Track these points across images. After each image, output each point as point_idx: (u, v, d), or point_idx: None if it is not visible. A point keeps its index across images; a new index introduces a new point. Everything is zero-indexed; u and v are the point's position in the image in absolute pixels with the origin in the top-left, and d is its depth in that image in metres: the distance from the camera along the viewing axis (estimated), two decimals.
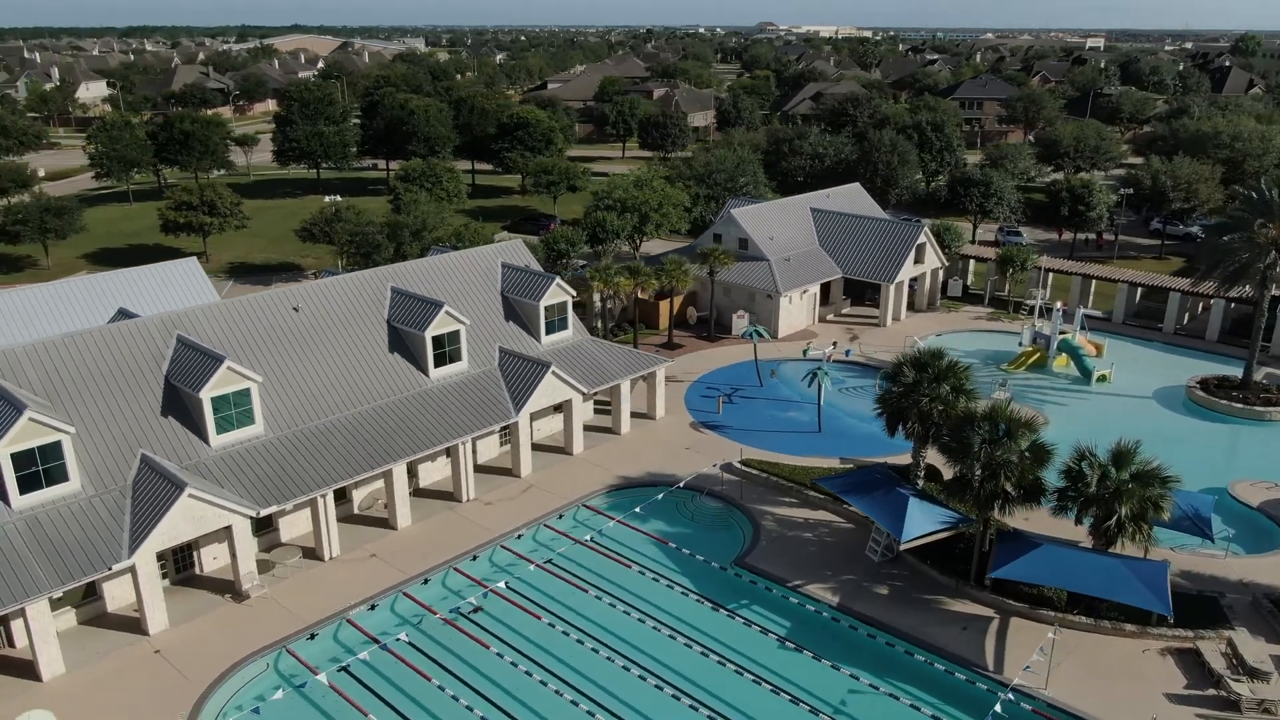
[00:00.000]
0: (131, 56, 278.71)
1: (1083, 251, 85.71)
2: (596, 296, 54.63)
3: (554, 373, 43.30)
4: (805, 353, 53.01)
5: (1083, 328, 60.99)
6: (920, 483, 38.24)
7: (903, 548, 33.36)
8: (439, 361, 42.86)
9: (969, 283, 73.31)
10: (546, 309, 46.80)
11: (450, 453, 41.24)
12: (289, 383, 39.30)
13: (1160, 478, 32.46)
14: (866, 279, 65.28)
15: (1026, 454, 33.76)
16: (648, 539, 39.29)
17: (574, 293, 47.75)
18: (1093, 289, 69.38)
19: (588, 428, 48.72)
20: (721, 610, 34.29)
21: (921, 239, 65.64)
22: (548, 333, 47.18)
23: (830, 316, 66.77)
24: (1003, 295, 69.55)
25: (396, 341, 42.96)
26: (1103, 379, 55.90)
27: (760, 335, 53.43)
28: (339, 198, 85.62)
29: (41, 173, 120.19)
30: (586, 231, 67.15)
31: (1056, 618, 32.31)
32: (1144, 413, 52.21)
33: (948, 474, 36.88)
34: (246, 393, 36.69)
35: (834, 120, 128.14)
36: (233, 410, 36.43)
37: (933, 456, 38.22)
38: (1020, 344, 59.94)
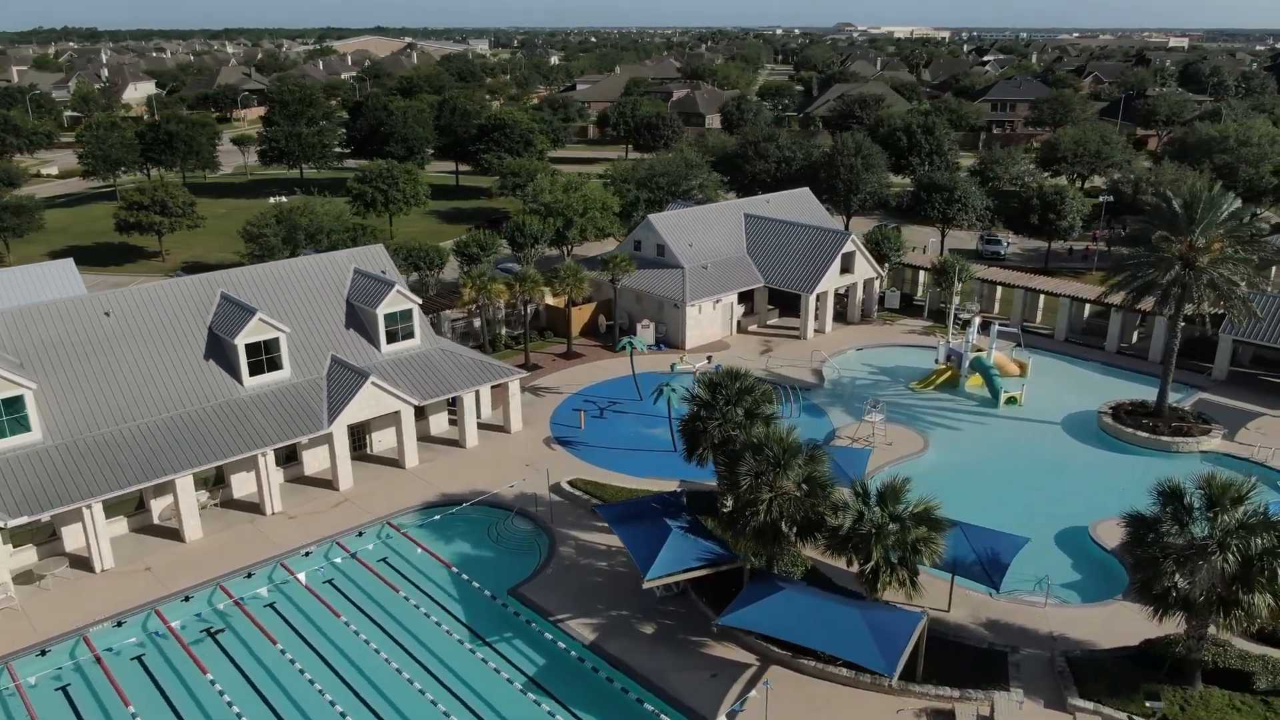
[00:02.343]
0: (192, 58, 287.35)
1: (1066, 262, 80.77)
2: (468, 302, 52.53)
3: (374, 383, 41.73)
4: (673, 368, 50.45)
5: (1018, 344, 57.08)
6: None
7: (645, 585, 30.79)
8: (255, 370, 41.64)
9: (918, 294, 69.52)
10: (386, 317, 45.26)
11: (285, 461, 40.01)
12: (82, 389, 38.49)
13: (930, 519, 29.29)
14: (787, 289, 62.20)
15: (802, 486, 30.96)
16: (435, 561, 37.42)
17: (418, 300, 46.07)
18: (1040, 304, 65.05)
19: (440, 440, 47.18)
20: (467, 645, 32.16)
21: (849, 248, 62.29)
22: (389, 341, 45.62)
23: (753, 328, 63.85)
24: (945, 307, 65.53)
25: (215, 349, 41.93)
26: (1012, 401, 51.95)
27: (634, 347, 50.97)
28: (284, 198, 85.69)
29: (54, 170, 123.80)
30: (506, 236, 65.54)
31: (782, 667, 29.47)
32: (1042, 440, 48.28)
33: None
34: (20, 399, 35.97)
35: (842, 122, 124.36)
36: (4, 417, 35.74)
37: None
38: (936, 361, 56.21)
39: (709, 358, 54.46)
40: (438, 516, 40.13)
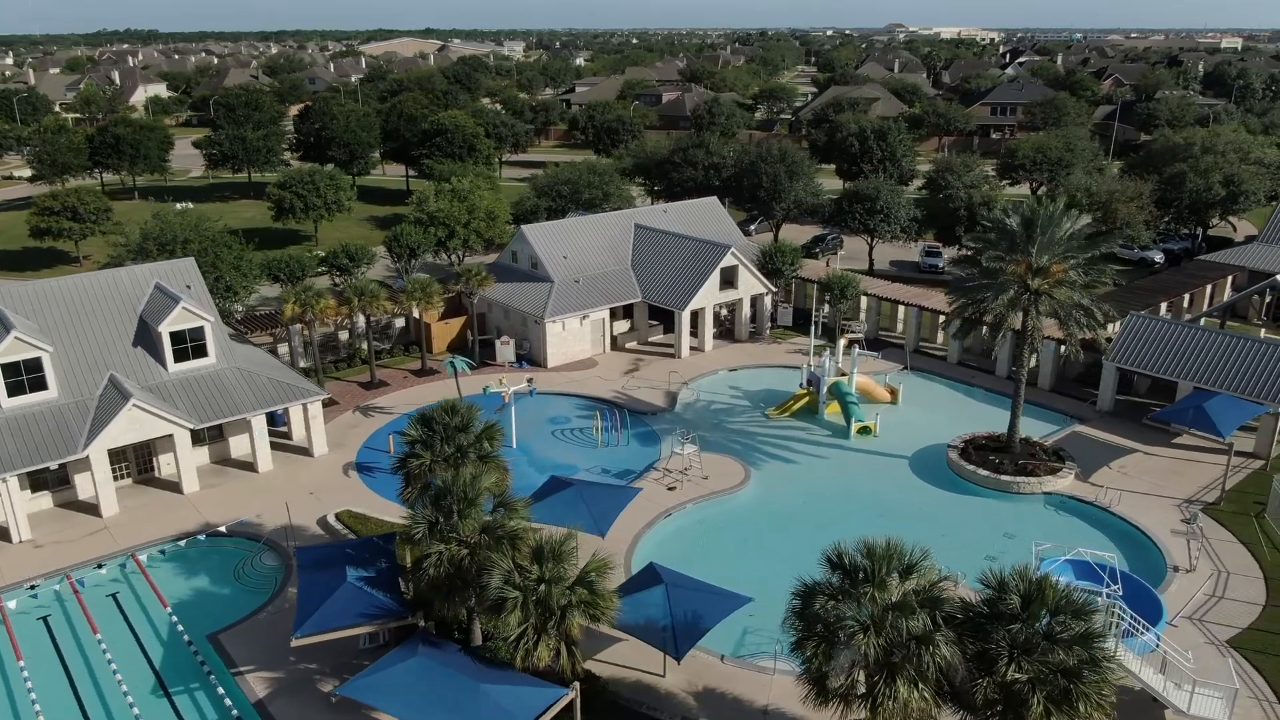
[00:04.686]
0: (215, 60, 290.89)
1: None
2: (290, 319, 50.07)
3: (136, 405, 39.64)
4: (486, 390, 47.61)
5: (904, 366, 53.42)
6: None
7: (293, 644, 28.10)
8: (15, 390, 39.78)
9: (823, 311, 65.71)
10: (172, 335, 43.14)
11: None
12: None
13: (588, 583, 26.14)
14: (661, 304, 59.03)
15: (483, 537, 28.02)
16: (156, 599, 35.12)
17: (211, 318, 43.90)
18: (939, 322, 60.92)
19: (239, 463, 45.03)
20: (129, 699, 29.73)
21: (729, 262, 58.91)
22: (177, 360, 43.49)
23: (631, 345, 60.76)
24: (836, 325, 61.69)
25: None
26: (865, 431, 48.23)
27: (456, 368, 48.21)
28: (190, 204, 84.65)
29: (27, 173, 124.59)
30: (385, 245, 63.30)
31: None
32: (883, 477, 44.51)
33: None
34: None
35: (816, 125, 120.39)
36: None
37: None
38: (800, 385, 52.55)
39: (529, 380, 51.56)
40: (187, 547, 37.95)
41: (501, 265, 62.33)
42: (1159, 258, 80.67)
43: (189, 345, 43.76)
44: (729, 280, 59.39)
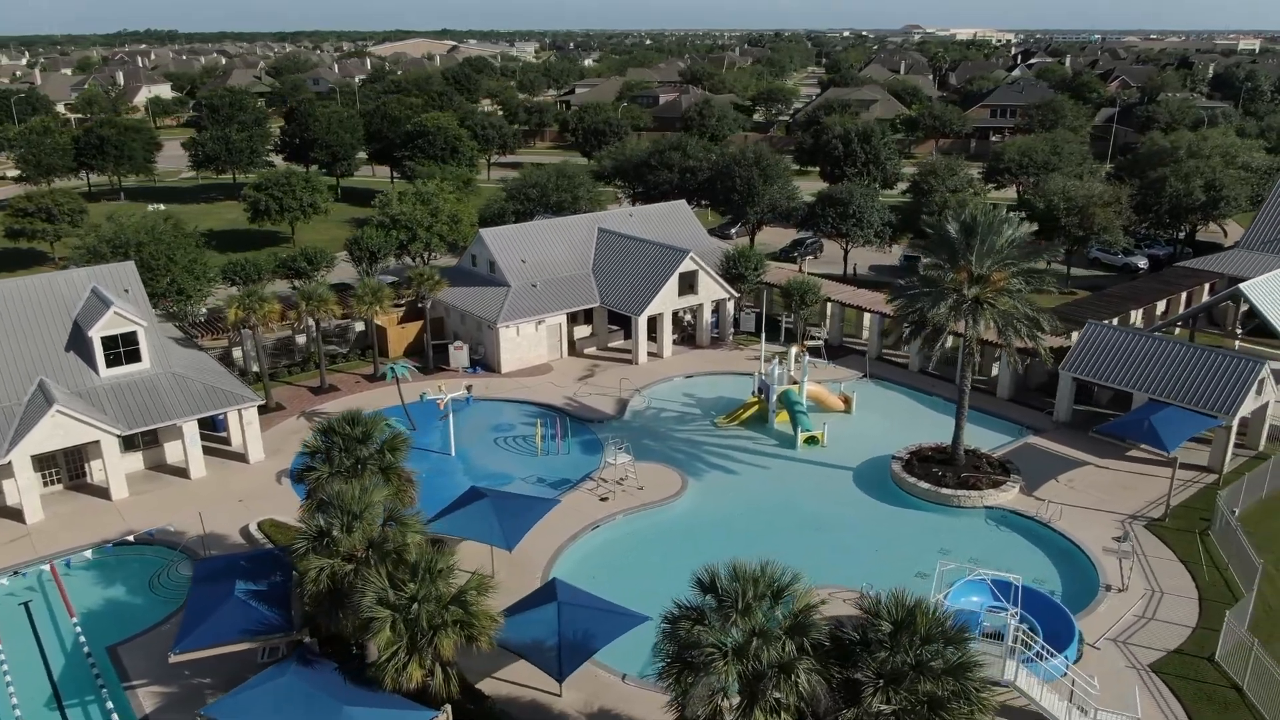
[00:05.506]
0: (222, 60, 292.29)
1: None
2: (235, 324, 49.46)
3: (60, 411, 39.26)
4: (423, 397, 46.97)
5: (867, 376, 52.48)
6: None
7: (171, 661, 27.54)
8: None
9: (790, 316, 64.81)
10: (104, 340, 42.76)
11: None
12: None
13: (463, 601, 25.40)
14: (618, 309, 58.29)
15: (370, 552, 27.35)
16: (65, 610, 34.68)
17: (144, 323, 43.48)
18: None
19: (171, 469, 44.62)
20: (18, 712, 29.29)
21: (688, 267, 58.08)
22: (109, 365, 43.10)
23: (590, 350, 60.05)
24: (798, 330, 60.79)
25: None
26: (812, 441, 47.32)
27: (396, 373, 47.57)
28: (162, 206, 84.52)
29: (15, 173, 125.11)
30: (345, 249, 62.87)
31: None
32: (824, 489, 43.52)
33: None
34: None
35: (807, 128, 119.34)
36: None
37: None
38: (752, 393, 51.66)
39: (468, 387, 50.89)
40: (108, 556, 37.57)
41: (462, 269, 61.81)
42: (1143, 263, 79.23)
43: (121, 350, 43.34)
44: (689, 285, 58.57)
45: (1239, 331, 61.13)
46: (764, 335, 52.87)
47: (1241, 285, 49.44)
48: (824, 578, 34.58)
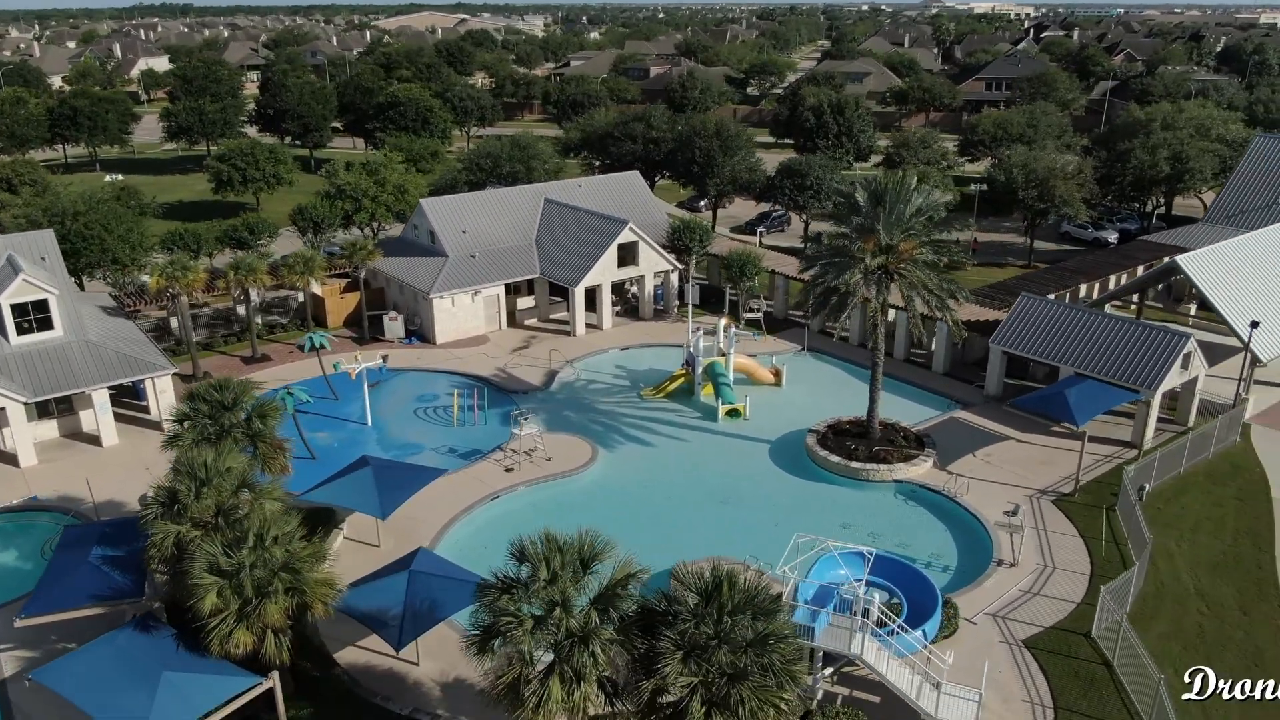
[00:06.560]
0: (225, 33, 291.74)
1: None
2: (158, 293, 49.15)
3: None
4: (336, 366, 46.59)
5: (805, 349, 51.74)
6: None
7: (18, 625, 27.42)
8: None
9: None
10: (13, 307, 42.64)
11: None
12: None
13: (293, 569, 25.09)
14: (556, 280, 57.71)
15: (219, 519, 27.11)
16: None
17: (56, 291, 43.30)
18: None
19: (86, 437, 44.56)
20: None
21: (628, 238, 57.38)
22: (20, 333, 43.00)
23: (531, 322, 59.55)
24: (739, 302, 60.00)
25: None
26: (735, 414, 46.69)
27: (314, 343, 47.18)
28: (120, 177, 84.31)
29: None
30: (290, 219, 62.51)
31: None
32: (739, 461, 42.93)
33: None
34: None
35: (791, 100, 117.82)
36: None
37: None
38: (683, 365, 51.04)
39: (384, 356, 50.47)
40: (4, 522, 37.56)
41: (404, 239, 61.37)
42: (1113, 238, 77.80)
43: (32, 318, 43.22)
44: (628, 257, 57.88)
45: (1192, 307, 60.03)
46: (691, 308, 52.14)
47: (1178, 258, 48.25)
48: (718, 550, 34.26)
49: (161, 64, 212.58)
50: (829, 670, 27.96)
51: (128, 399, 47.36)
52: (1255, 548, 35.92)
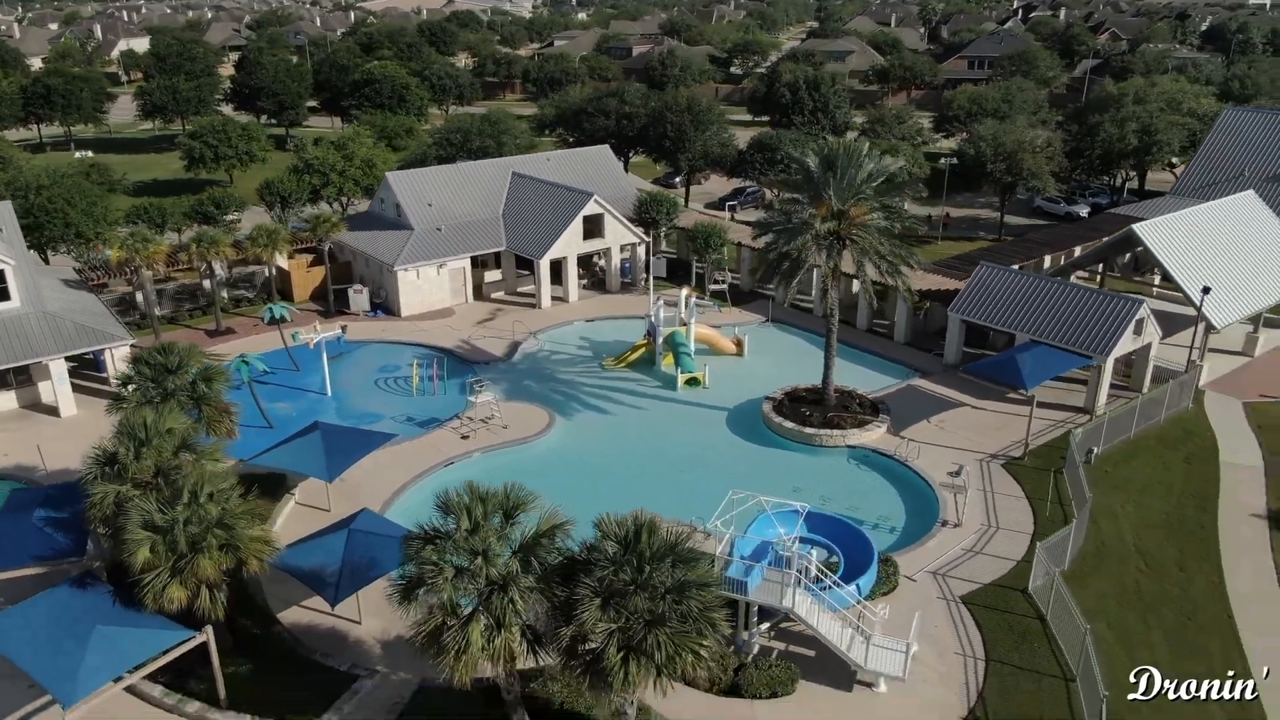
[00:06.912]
0: (209, 14, 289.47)
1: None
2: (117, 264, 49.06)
3: None
4: (295, 337, 46.69)
5: (769, 321, 51.86)
6: None
7: None
8: None
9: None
10: None
11: None
12: None
13: (226, 525, 25.29)
14: (521, 253, 57.78)
15: (158, 479, 27.26)
16: None
17: (12, 261, 43.27)
18: (814, 276, 59.09)
19: (45, 408, 44.62)
20: None
21: (593, 210, 57.42)
22: None
23: (497, 295, 59.63)
24: (705, 274, 60.05)
25: None
26: (694, 383, 46.94)
27: (274, 314, 47.26)
28: (90, 153, 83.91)
29: None
30: (257, 193, 62.42)
31: None
32: (696, 429, 43.24)
33: None
34: None
35: (769, 77, 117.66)
36: None
37: None
38: (645, 335, 51.19)
39: (343, 327, 50.52)
40: None
41: (371, 213, 61.35)
42: (1085, 212, 78.01)
43: None
44: (595, 229, 57.94)
45: (1156, 278, 60.30)
46: (653, 280, 52.28)
47: (1134, 226, 48.46)
48: (667, 514, 34.47)
49: (143, 45, 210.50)
50: (765, 625, 28.32)
51: (89, 371, 47.41)
52: (1199, 509, 36.31)
